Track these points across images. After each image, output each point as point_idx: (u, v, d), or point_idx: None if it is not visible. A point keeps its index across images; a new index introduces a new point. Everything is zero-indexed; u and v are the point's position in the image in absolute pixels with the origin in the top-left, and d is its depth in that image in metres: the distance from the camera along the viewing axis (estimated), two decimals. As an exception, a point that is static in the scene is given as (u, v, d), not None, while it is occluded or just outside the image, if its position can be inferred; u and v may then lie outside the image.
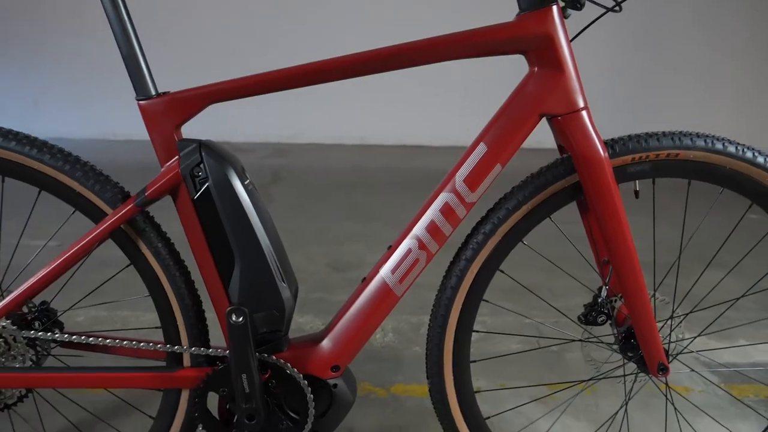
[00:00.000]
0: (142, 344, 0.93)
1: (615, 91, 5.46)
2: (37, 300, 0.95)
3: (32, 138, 0.88)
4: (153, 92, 0.86)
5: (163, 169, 0.87)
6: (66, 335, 0.93)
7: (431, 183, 0.94)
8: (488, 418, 1.04)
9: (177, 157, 0.86)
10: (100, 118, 5.37)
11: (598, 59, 5.05)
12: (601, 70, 5.25)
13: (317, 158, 4.46)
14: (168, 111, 0.86)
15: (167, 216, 0.96)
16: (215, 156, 0.86)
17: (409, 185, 3.22)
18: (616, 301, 1.00)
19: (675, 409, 1.12)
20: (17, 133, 0.88)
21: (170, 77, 1.16)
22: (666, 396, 1.08)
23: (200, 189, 0.86)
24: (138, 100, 0.86)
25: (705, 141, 0.89)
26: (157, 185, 0.86)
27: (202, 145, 0.86)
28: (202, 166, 0.85)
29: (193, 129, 0.89)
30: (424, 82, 4.33)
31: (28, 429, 1.14)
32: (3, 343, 0.92)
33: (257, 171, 0.89)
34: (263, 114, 4.83)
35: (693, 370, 1.28)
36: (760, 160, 0.90)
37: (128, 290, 1.05)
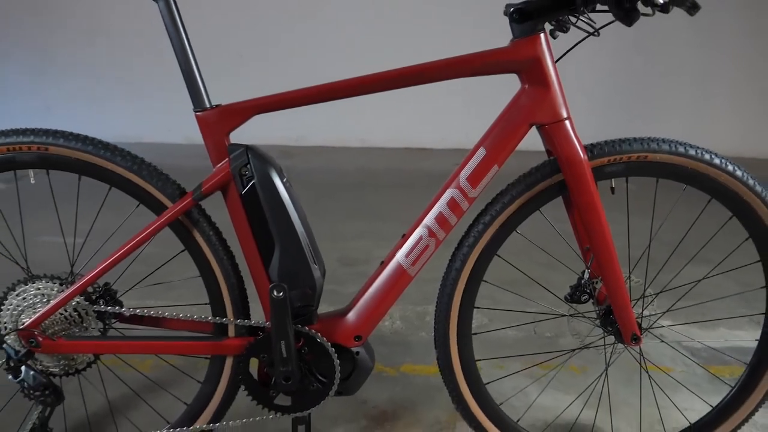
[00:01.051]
0: (195, 317, 1.11)
1: (613, 94, 5.64)
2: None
3: (105, 142, 1.06)
4: (207, 105, 1.04)
5: (215, 169, 1.05)
6: (129, 309, 1.10)
7: (433, 184, 1.11)
8: (488, 383, 1.21)
9: (227, 159, 1.04)
10: (110, 121, 5.53)
11: (597, 64, 5.25)
12: (601, 74, 5.44)
13: (323, 160, 4.63)
14: (220, 120, 1.04)
15: (213, 210, 1.14)
16: (259, 158, 1.04)
17: (412, 186, 3.40)
18: (597, 282, 1.18)
19: (649, 376, 1.30)
20: (93, 138, 1.06)
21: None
22: (641, 364, 1.26)
23: (247, 185, 1.04)
24: (195, 111, 1.04)
25: (669, 145, 1.07)
26: (211, 182, 1.04)
27: (249, 149, 1.04)
28: (248, 166, 1.03)
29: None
30: (426, 87, 4.53)
31: (93, 392, 1.31)
32: (77, 317, 1.09)
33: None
34: (269, 118, 5.02)
35: (663, 341, 1.45)
36: (717, 161, 1.08)
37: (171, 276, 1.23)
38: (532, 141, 1.12)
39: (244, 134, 1.05)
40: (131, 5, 5.49)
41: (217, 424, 1.18)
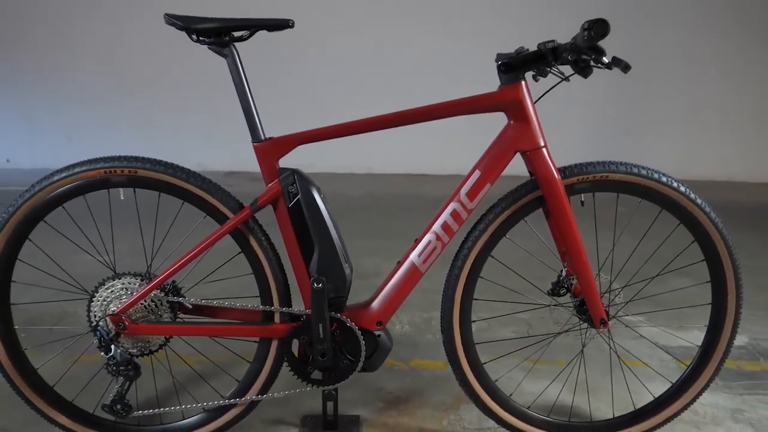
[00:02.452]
0: (250, 306, 1.39)
1: (609, 119, 5.99)
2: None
3: (181, 166, 1.35)
4: (262, 137, 1.34)
5: (267, 187, 1.34)
6: (193, 300, 1.38)
7: (434, 206, 1.39)
8: (485, 363, 1.48)
9: (277, 179, 1.33)
10: (128, 148, 5.87)
11: (593, 91, 5.62)
12: (597, 100, 5.81)
13: (331, 186, 4.92)
14: (272, 149, 1.33)
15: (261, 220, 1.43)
16: (303, 178, 1.33)
17: (417, 209, 3.70)
18: (572, 278, 1.46)
19: (619, 357, 1.57)
20: (172, 163, 1.35)
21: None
22: (610, 346, 1.54)
23: (293, 200, 1.33)
24: (253, 142, 1.33)
25: (625, 167, 1.37)
26: (265, 197, 1.33)
27: (295, 172, 1.33)
28: (295, 185, 1.32)
29: (213, 159, 1.34)
30: (428, 117, 4.90)
31: (163, 371, 1.58)
32: (154, 306, 1.37)
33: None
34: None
35: (627, 326, 1.73)
36: (664, 179, 1.37)
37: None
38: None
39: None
40: (147, 45, 5.90)
41: (264, 396, 1.44)
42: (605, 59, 1.18)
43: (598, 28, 1.11)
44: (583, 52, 1.17)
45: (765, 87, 5.87)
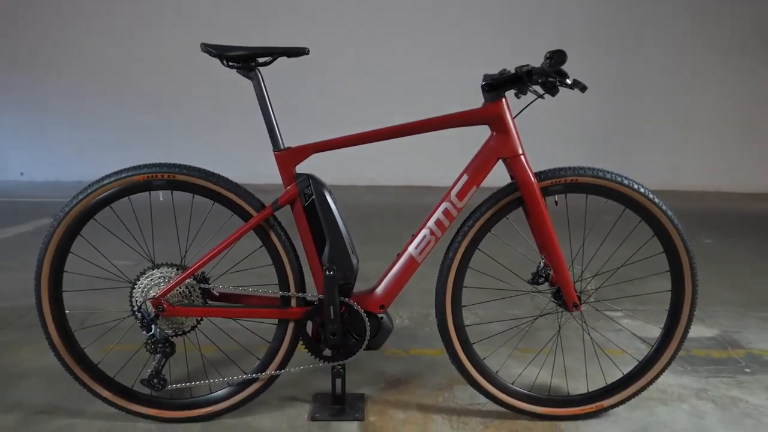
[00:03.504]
0: (270, 292, 1.62)
1: (603, 132, 6.27)
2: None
3: (211, 172, 1.59)
4: (282, 146, 1.58)
5: (286, 190, 1.58)
6: (220, 287, 1.62)
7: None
8: (474, 343, 1.71)
9: (294, 182, 1.57)
10: (137, 162, 6.16)
11: (588, 107, 5.91)
12: (592, 114, 6.09)
13: (335, 197, 5.18)
14: (290, 157, 1.57)
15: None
16: (317, 182, 1.57)
17: (415, 218, 3.92)
18: (549, 269, 1.69)
19: (590, 337, 1.80)
20: (204, 169, 1.59)
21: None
22: (582, 327, 1.77)
23: (308, 200, 1.57)
24: (274, 151, 1.57)
25: (593, 171, 1.60)
26: (284, 198, 1.57)
27: (310, 176, 1.57)
28: (310, 187, 1.56)
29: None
30: (425, 134, 5.19)
31: (192, 352, 1.81)
32: (188, 292, 1.60)
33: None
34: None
35: (598, 310, 1.96)
36: (626, 182, 1.61)
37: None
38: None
39: (262, 173, 1.58)
40: (155, 66, 6.21)
41: (282, 371, 1.67)
42: (568, 81, 1.42)
43: (557, 57, 1.36)
44: (550, 75, 1.42)
45: (751, 103, 6.15)
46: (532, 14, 5.97)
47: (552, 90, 1.46)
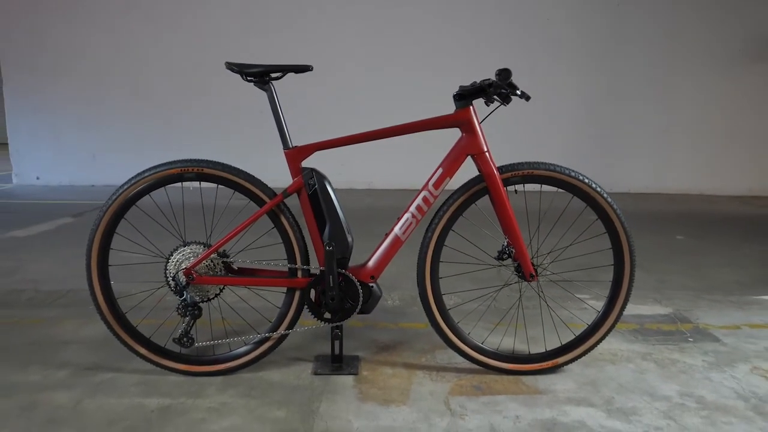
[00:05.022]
0: (281, 265, 1.99)
1: (589, 138, 6.64)
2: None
3: (233, 166, 1.97)
4: (290, 145, 1.95)
5: (293, 181, 1.95)
6: (239, 261, 1.99)
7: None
8: (450, 309, 2.07)
9: (300, 175, 1.95)
10: (146, 167, 6.56)
11: (576, 114, 6.31)
12: (579, 122, 6.48)
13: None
14: (297, 155, 1.95)
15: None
16: (319, 174, 1.95)
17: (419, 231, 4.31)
18: (512, 248, 2.05)
19: (547, 304, 2.16)
20: (227, 164, 1.96)
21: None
22: (539, 294, 2.13)
23: (311, 189, 1.94)
24: (284, 150, 1.95)
25: (545, 165, 1.97)
26: (292, 188, 1.94)
27: (313, 169, 1.95)
28: (313, 179, 1.94)
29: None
30: (420, 142, 5.59)
31: (216, 316, 2.17)
32: (212, 265, 1.97)
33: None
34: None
35: (551, 281, 2.33)
36: (572, 174, 1.98)
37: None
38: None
39: (267, 178, 1.96)
40: (166, 75, 6.61)
41: (290, 331, 2.03)
42: (517, 92, 1.80)
43: (504, 74, 1.75)
44: (503, 87, 1.80)
45: (731, 111, 6.53)
46: (523, 29, 6.38)
47: (506, 99, 1.84)
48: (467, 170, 2.04)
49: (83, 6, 6.45)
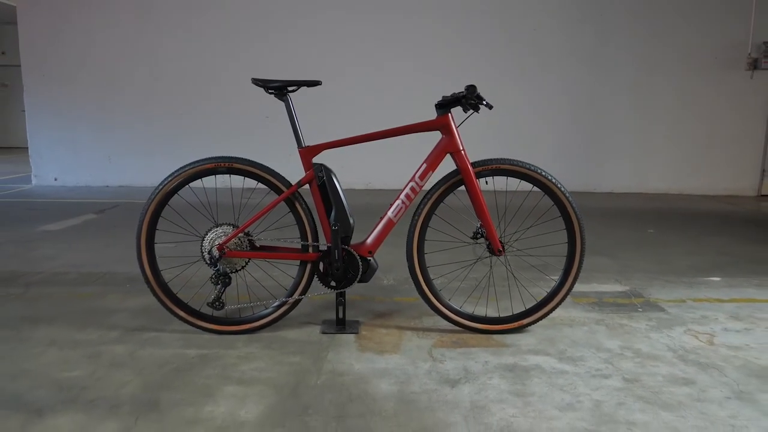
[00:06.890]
0: (294, 243, 2.48)
1: (572, 143, 7.14)
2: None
3: (256, 161, 2.46)
4: (303, 145, 2.45)
5: (306, 174, 2.45)
6: (260, 239, 2.48)
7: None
8: (434, 279, 2.56)
9: (311, 169, 2.44)
10: (158, 169, 7.04)
11: (560, 121, 6.84)
12: (564, 128, 6.99)
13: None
14: (309, 152, 2.45)
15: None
16: (326, 169, 2.45)
17: (407, 216, 4.81)
18: (484, 228, 2.55)
19: (515, 276, 2.66)
20: (251, 159, 2.45)
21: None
22: (506, 267, 2.63)
23: (321, 180, 2.44)
24: (298, 148, 2.44)
25: (510, 161, 2.47)
26: (304, 180, 2.44)
27: (321, 165, 2.45)
28: (322, 172, 2.43)
29: (235, 179, 2.47)
30: (416, 139, 6.08)
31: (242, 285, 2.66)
32: (240, 242, 2.46)
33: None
34: (289, 165, 6.54)
35: (516, 255, 2.83)
36: (533, 168, 2.47)
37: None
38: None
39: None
40: (178, 82, 7.14)
41: (303, 296, 2.52)
42: (483, 102, 2.30)
43: (470, 88, 2.25)
44: (471, 98, 2.30)
45: (709, 114, 7.04)
46: (512, 40, 6.89)
47: (475, 108, 2.34)
48: (447, 165, 2.53)
49: (100, 17, 6.97)
